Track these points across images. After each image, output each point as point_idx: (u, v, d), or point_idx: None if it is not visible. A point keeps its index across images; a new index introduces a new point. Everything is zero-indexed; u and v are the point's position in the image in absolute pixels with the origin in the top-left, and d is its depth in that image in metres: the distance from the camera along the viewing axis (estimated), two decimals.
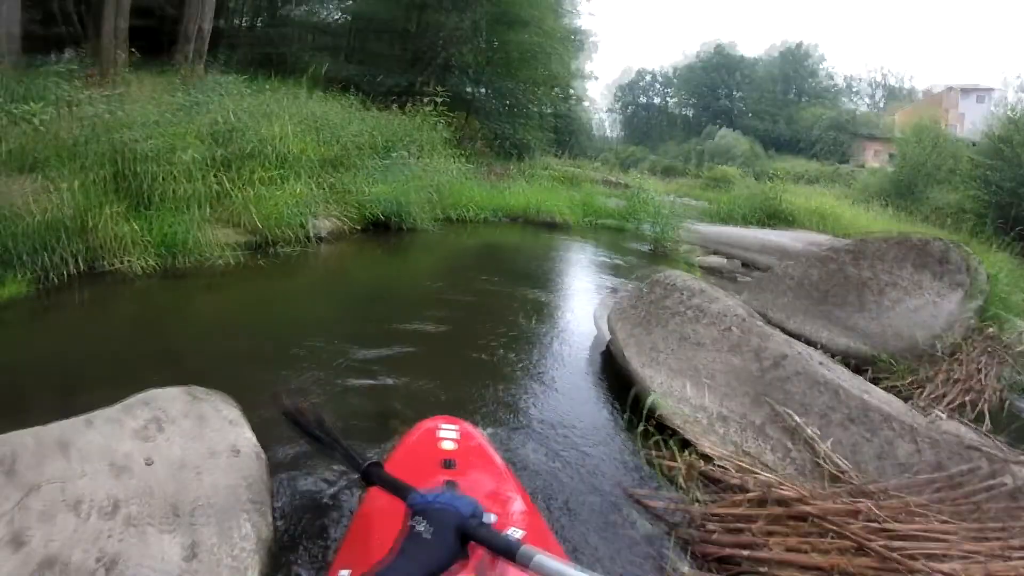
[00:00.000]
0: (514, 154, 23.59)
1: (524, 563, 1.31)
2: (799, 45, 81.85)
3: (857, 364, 6.10)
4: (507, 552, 1.35)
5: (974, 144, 29.32)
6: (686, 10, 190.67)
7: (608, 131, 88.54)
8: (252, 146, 9.74)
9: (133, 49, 12.95)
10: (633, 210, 18.22)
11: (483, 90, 21.57)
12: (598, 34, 26.76)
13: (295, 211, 9.54)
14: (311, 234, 9.73)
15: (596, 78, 36.29)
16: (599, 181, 25.18)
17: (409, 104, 15.73)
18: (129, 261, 7.30)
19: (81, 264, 6.96)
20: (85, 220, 7.14)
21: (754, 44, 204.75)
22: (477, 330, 6.79)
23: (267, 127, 10.28)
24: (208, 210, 8.58)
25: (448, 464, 2.24)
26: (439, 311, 7.18)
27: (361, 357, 5.48)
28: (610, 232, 16.96)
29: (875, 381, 5.58)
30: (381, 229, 11.63)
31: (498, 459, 2.53)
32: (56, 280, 6.59)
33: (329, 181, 11.12)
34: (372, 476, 1.87)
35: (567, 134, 37.10)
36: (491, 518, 1.53)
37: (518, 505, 2.19)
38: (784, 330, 6.21)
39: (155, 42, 14.97)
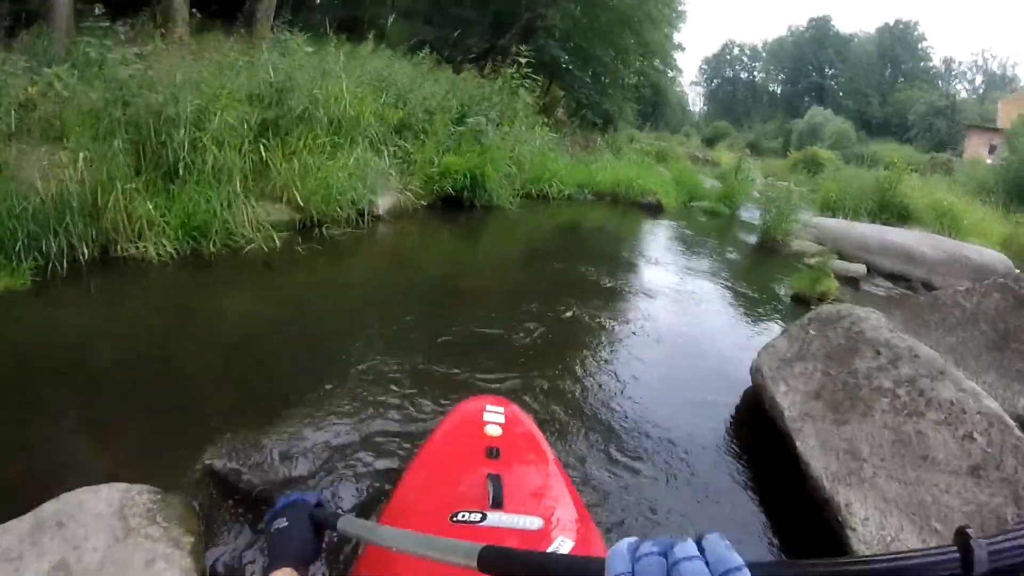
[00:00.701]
0: (599, 125, 22.19)
1: (341, 532, 1.26)
2: (898, 22, 78.77)
3: None
4: (331, 527, 1.28)
5: None
6: None
7: (691, 105, 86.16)
8: (302, 108, 8.15)
9: (195, 10, 11.82)
10: (730, 193, 16.77)
11: (568, 55, 19.42)
12: (686, 2, 24.74)
13: (348, 185, 8.00)
14: (367, 212, 8.25)
15: (683, 49, 34.47)
16: (686, 157, 23.48)
17: (489, 67, 13.94)
18: (144, 247, 5.97)
19: (90, 250, 5.71)
20: (96, 198, 5.83)
21: (860, 21, 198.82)
22: (573, 361, 5.18)
23: (320, 87, 8.66)
24: (246, 184, 7.11)
25: (492, 453, 2.04)
26: (517, 328, 5.62)
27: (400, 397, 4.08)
28: (707, 218, 15.23)
29: None
30: (451, 205, 10.13)
31: (548, 450, 2.33)
32: (61, 269, 5.39)
33: (392, 150, 9.59)
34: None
35: (652, 106, 35.64)
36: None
37: (566, 505, 1.97)
38: None
39: (231, 4, 13.86)
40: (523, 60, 12.97)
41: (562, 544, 1.51)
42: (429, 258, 8.08)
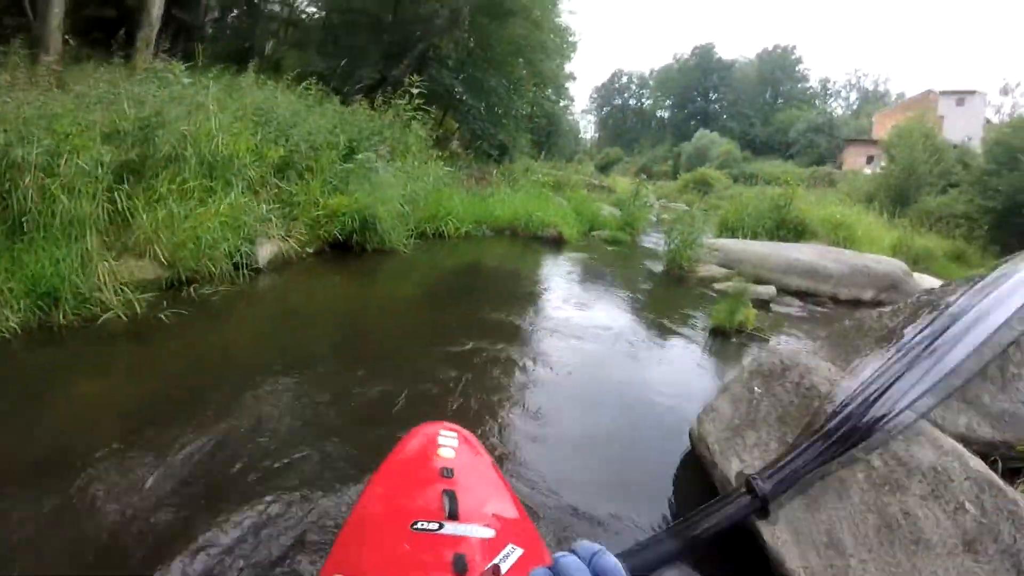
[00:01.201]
0: (494, 156, 21.68)
1: None
2: (776, 47, 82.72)
3: (981, 452, 4.18)
4: None
5: (955, 147, 31.64)
6: (674, 14, 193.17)
7: (583, 132, 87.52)
8: (169, 147, 7.17)
9: (68, 37, 10.62)
10: (630, 220, 16.72)
11: (463, 86, 18.79)
12: (577, 34, 24.70)
13: (221, 235, 7.08)
14: (245, 264, 7.33)
15: (575, 78, 34.51)
16: (582, 185, 23.19)
17: (380, 98, 13.17)
18: None
19: None
20: None
21: (740, 47, 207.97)
22: (480, 420, 4.55)
23: (189, 122, 7.64)
24: (104, 238, 6.20)
25: (447, 472, 2.16)
26: (420, 382, 5.09)
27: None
28: (610, 247, 14.81)
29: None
30: (341, 251, 9.29)
31: (498, 471, 2.47)
32: None
33: (272, 192, 8.71)
34: None
35: (546, 135, 35.35)
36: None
37: (515, 518, 2.13)
38: None
39: (113, 31, 12.65)
40: (415, 91, 12.21)
41: (512, 551, 1.54)
42: (316, 314, 7.05)
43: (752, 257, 12.45)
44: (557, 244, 13.72)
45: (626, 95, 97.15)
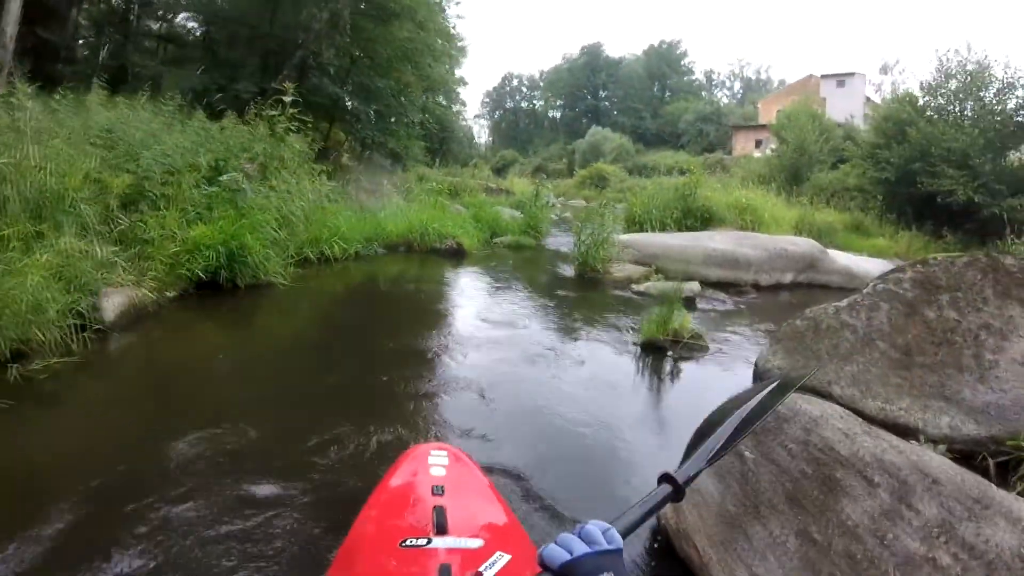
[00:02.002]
0: (386, 166, 20.81)
1: None
2: (662, 42, 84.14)
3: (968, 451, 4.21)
4: None
5: (840, 125, 32.97)
6: (562, 16, 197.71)
7: (477, 137, 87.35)
8: None
9: None
10: (532, 223, 15.80)
11: (348, 94, 17.67)
12: (467, 38, 23.97)
13: (49, 293, 5.40)
14: (86, 326, 5.74)
15: (466, 83, 33.52)
16: (480, 190, 22.17)
17: (252, 112, 11.53)
18: None
19: None
20: None
21: (628, 45, 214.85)
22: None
23: (13, 152, 6.22)
24: None
25: (437, 490, 2.13)
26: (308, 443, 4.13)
27: None
28: (515, 253, 13.78)
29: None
30: (209, 291, 7.77)
31: (488, 484, 2.42)
32: None
33: (119, 229, 7.19)
34: None
35: (440, 142, 34.29)
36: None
37: (505, 527, 2.12)
38: (865, 416, 4.14)
39: None
40: (287, 99, 10.77)
41: (499, 558, 1.48)
42: (179, 379, 5.43)
43: (668, 251, 11.66)
44: (457, 256, 12.63)
45: (518, 97, 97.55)
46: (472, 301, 9.00)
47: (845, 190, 24.20)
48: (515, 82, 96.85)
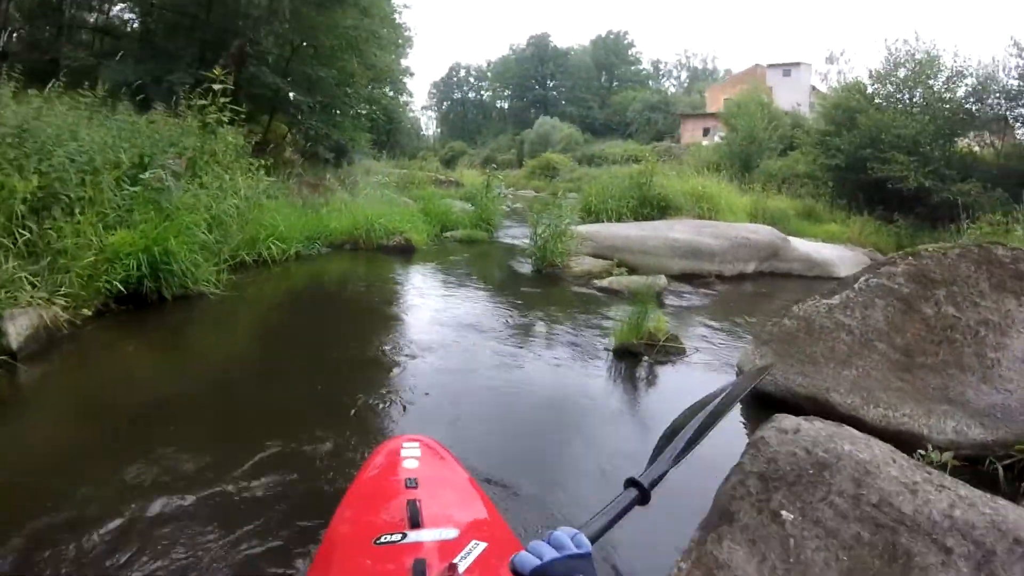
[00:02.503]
0: (330, 160, 19.74)
1: None
2: (610, 32, 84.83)
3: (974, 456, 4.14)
4: None
5: (787, 114, 33.39)
6: (509, 5, 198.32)
7: (425, 129, 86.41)
8: None
9: None
10: (484, 215, 15.15)
11: (289, 84, 16.46)
12: (413, 28, 23.21)
13: None
14: None
15: (412, 74, 32.61)
16: (429, 182, 21.41)
17: (183, 103, 10.55)
18: None
19: None
20: None
21: (575, 35, 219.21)
22: None
23: None
24: None
25: (411, 483, 2.08)
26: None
27: None
28: (467, 248, 13.06)
29: None
30: (133, 305, 6.79)
31: (462, 472, 2.39)
32: None
33: (26, 238, 6.13)
34: None
35: (387, 134, 33.39)
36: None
37: (480, 515, 2.09)
38: (866, 426, 4.02)
39: None
40: (218, 87, 9.82)
41: (475, 547, 1.48)
42: (97, 417, 4.47)
43: (628, 242, 11.12)
44: (406, 253, 11.87)
45: (465, 88, 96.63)
46: (425, 302, 8.27)
47: (795, 177, 24.57)
48: (462, 72, 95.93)
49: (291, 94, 16.67)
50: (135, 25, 19.79)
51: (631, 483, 1.30)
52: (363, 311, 8.04)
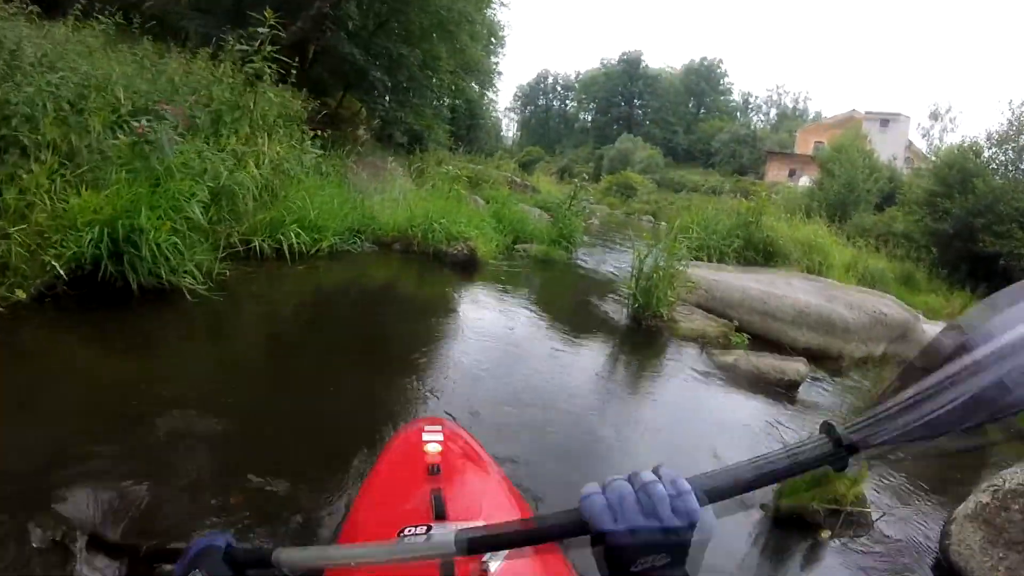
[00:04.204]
0: (403, 144, 17.87)
1: (280, 567, 0.95)
2: (703, 60, 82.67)
3: None
4: (263, 564, 0.97)
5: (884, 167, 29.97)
6: (603, 19, 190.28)
7: (505, 130, 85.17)
8: None
9: None
10: (566, 231, 12.67)
11: (368, 58, 14.38)
12: (507, 27, 21.56)
13: None
14: None
15: (500, 73, 30.71)
16: (504, 183, 19.36)
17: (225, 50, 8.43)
18: None
19: None
20: None
21: (667, 57, 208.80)
22: None
23: None
24: None
25: (433, 470, 1.94)
26: None
27: None
28: (544, 272, 10.89)
29: None
30: (96, 290, 4.82)
31: (486, 459, 2.27)
32: None
33: None
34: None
35: (467, 128, 31.55)
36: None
37: (506, 506, 1.96)
38: None
39: None
40: (265, 30, 7.71)
41: None
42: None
43: (747, 300, 8.86)
44: (468, 267, 9.60)
45: (550, 96, 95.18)
46: (484, 358, 5.81)
47: (891, 235, 21.74)
48: (549, 80, 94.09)
49: (371, 71, 14.67)
50: None
51: (827, 429, 0.87)
52: (392, 358, 5.69)
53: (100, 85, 6.11)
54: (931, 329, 10.31)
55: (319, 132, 9.56)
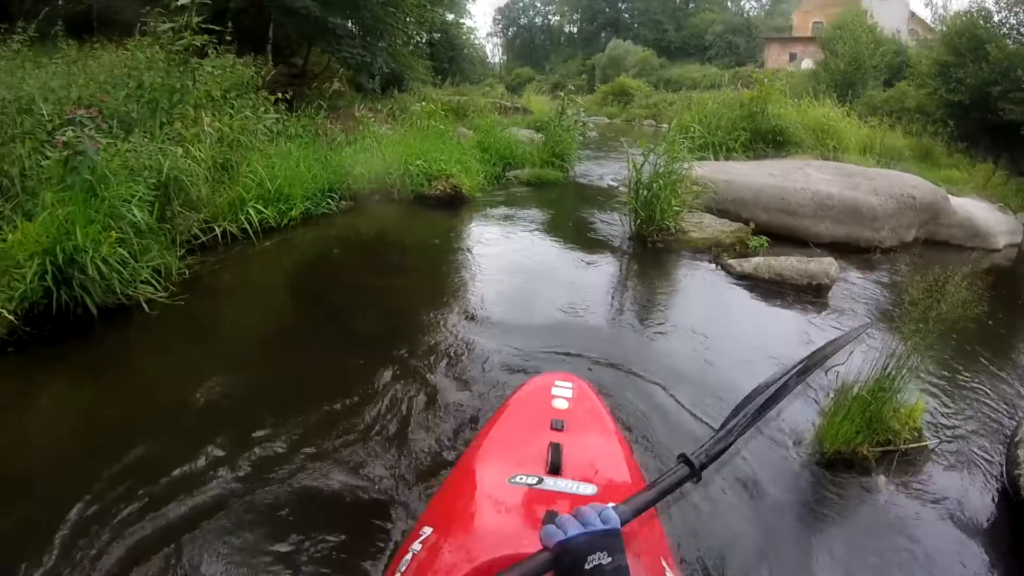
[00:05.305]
0: (375, 90, 17.28)
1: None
2: None
3: None
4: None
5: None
6: None
7: (491, 57, 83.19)
8: None
9: None
10: (559, 149, 12.36)
11: (321, 5, 13.12)
12: None
13: None
14: None
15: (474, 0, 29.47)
16: (493, 109, 18.54)
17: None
18: None
19: None
20: None
21: None
22: None
23: None
24: None
25: (557, 424, 1.99)
26: None
27: None
28: (537, 196, 10.49)
29: None
30: (50, 325, 4.41)
31: (612, 424, 2.19)
32: None
33: None
34: None
35: (448, 61, 30.68)
36: (589, 488, 1.61)
37: (623, 474, 1.90)
38: None
39: None
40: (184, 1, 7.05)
41: (609, 509, 1.27)
42: None
43: (760, 196, 8.44)
44: (453, 205, 9.22)
45: (531, 13, 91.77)
46: (478, 311, 5.37)
47: (904, 110, 21.26)
48: None
49: (328, 19, 13.74)
50: None
51: (683, 459, 1.26)
52: (374, 332, 5.05)
53: (24, 106, 5.72)
54: (960, 204, 9.71)
55: (281, 95, 9.09)
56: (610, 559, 1.01)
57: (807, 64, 34.10)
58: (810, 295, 6.18)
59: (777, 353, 4.79)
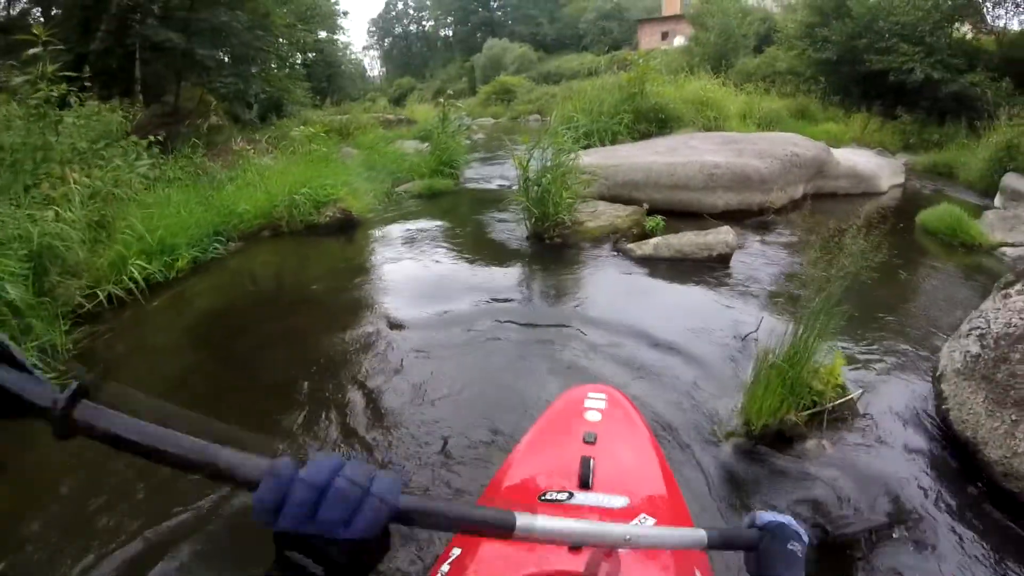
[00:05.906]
0: (253, 120, 16.93)
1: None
2: None
3: None
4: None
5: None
6: None
7: (370, 70, 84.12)
8: None
9: None
10: (446, 156, 12.38)
11: (187, 37, 12.66)
12: None
13: None
14: None
15: (346, 13, 28.77)
16: (376, 124, 18.50)
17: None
18: None
19: None
20: None
21: None
22: None
23: None
24: None
25: (589, 438, 1.93)
26: None
27: None
28: (429, 208, 10.31)
29: None
30: None
31: (646, 433, 2.15)
32: None
33: None
34: None
35: (326, 80, 30.19)
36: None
37: (656, 485, 1.87)
38: None
39: None
40: (36, 51, 6.66)
41: (644, 521, 1.48)
42: None
43: (652, 175, 8.59)
44: (345, 230, 8.99)
45: (405, 21, 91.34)
46: (383, 336, 5.24)
47: (776, 74, 22.95)
48: (400, 5, 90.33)
49: (195, 50, 13.25)
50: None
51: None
52: (290, 383, 4.66)
53: None
54: (842, 158, 10.06)
55: (153, 138, 8.67)
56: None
57: (680, 41, 35.00)
58: (713, 266, 6.25)
59: (690, 326, 4.89)
